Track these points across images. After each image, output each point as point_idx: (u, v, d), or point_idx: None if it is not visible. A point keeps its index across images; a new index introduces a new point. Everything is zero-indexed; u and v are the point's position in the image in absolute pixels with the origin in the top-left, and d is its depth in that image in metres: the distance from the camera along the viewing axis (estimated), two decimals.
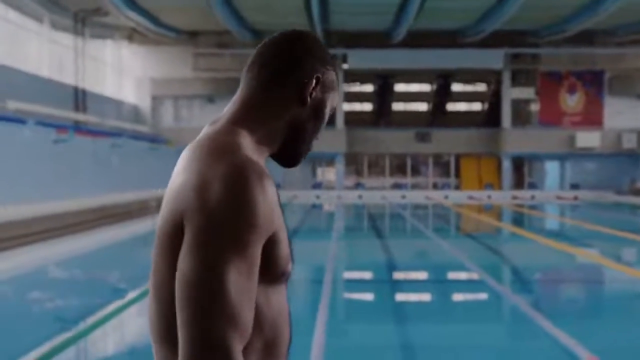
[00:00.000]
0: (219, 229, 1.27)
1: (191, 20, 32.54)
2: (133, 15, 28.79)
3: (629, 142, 36.77)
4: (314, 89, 1.53)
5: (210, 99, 37.23)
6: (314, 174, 38.89)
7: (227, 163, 1.33)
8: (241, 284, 1.28)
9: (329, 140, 36.09)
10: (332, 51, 26.69)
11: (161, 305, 1.40)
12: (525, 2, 27.40)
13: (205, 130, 1.49)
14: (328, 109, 1.59)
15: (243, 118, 1.48)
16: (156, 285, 1.42)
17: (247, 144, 1.43)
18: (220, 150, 1.37)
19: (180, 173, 1.40)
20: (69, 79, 28.23)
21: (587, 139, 36.85)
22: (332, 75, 1.58)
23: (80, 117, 27.20)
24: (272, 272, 1.39)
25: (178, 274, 1.29)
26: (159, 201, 17.03)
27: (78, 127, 23.58)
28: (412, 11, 28.25)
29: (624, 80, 37.67)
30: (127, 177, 21.73)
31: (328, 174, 39.25)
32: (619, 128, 37.38)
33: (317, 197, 35.00)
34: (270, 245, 1.36)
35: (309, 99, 1.52)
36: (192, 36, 36.09)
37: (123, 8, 27.26)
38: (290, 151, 1.57)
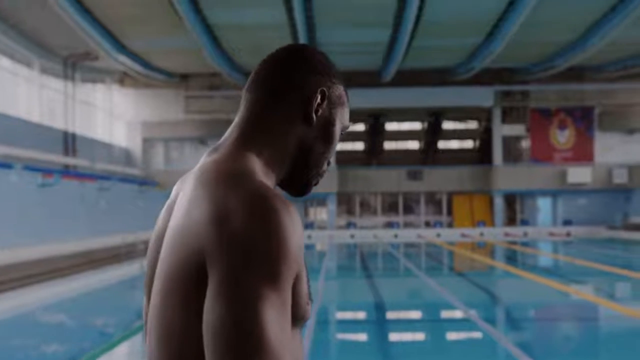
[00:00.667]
0: (251, 264, 1.11)
1: (182, 63, 32.74)
2: (123, 59, 28.96)
3: (619, 178, 36.82)
4: (319, 105, 1.39)
5: (202, 141, 37.29)
6: (305, 213, 38.80)
7: (245, 190, 1.18)
8: (280, 324, 1.12)
9: (320, 180, 35.96)
10: None
11: None
12: (513, 39, 27.63)
13: (206, 159, 1.34)
14: (337, 127, 1.44)
15: (248, 141, 1.34)
16: (163, 339, 1.23)
17: (259, 169, 1.30)
18: (233, 177, 1.22)
19: (187, 207, 1.23)
20: (59, 123, 28.27)
21: (579, 174, 36.89)
22: (340, 89, 1.45)
23: (69, 160, 27.17)
24: (292, 313, 1.22)
25: (208, 322, 1.11)
26: (146, 244, 16.93)
27: (65, 171, 23.55)
28: (401, 50, 28.47)
29: (613, 116, 37.89)
30: (115, 220, 21.61)
31: (320, 214, 39.15)
32: (609, 163, 37.48)
33: (309, 237, 34.86)
34: (295, 283, 1.21)
35: (314, 116, 1.38)
36: (183, 79, 36.29)
37: (113, 52, 27.43)
38: (299, 177, 1.43)
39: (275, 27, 26.02)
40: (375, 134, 42.85)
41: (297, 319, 1.26)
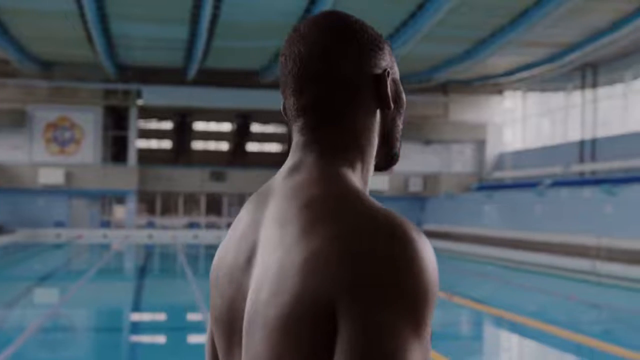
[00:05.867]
0: (395, 308, 0.93)
1: None
2: None
3: (415, 186, 38.49)
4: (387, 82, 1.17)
5: None
6: (103, 211, 37.47)
7: (370, 218, 0.98)
8: None
9: (119, 177, 35.14)
10: (126, 86, 25.71)
11: None
12: None
13: (288, 182, 1.11)
14: (402, 88, 1.24)
15: (334, 152, 1.12)
16: None
17: (359, 183, 1.12)
18: (345, 203, 1.02)
19: (291, 242, 1.01)
20: None
21: (377, 182, 38.12)
22: (388, 48, 1.20)
23: None
24: None
25: None
26: None
27: None
28: (200, 49, 28.13)
29: (411, 127, 39.43)
30: None
31: (118, 212, 37.93)
32: (406, 172, 39.00)
33: (105, 236, 33.74)
34: None
35: (390, 98, 1.16)
36: None
37: None
38: (387, 158, 1.23)
39: (65, 16, 24.82)
40: (182, 133, 42.25)
41: None
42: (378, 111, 1.18)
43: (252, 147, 44.71)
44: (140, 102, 36.24)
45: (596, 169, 30.94)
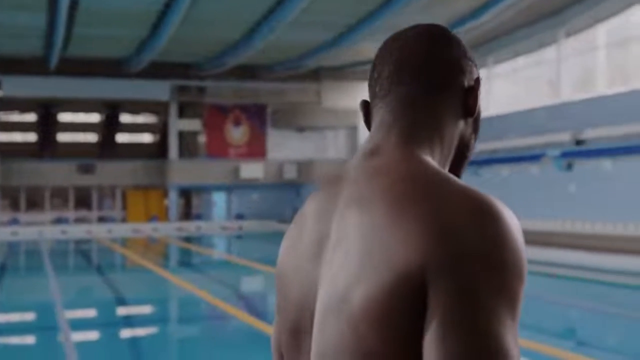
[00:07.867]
0: (491, 284, 0.91)
1: None
2: None
3: (289, 173, 38.51)
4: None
5: None
6: None
7: (460, 197, 0.97)
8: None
9: None
10: None
11: None
12: (180, 34, 27.46)
13: (366, 164, 1.09)
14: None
15: (417, 140, 1.11)
16: None
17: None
18: (433, 183, 1.01)
19: (378, 224, 0.98)
20: None
21: (251, 170, 37.95)
22: (477, 68, 1.23)
23: None
24: None
25: (439, 356, 0.89)
26: None
27: None
28: (60, 37, 26.98)
29: (284, 114, 39.50)
30: None
31: None
32: (280, 159, 39.01)
33: None
34: None
35: (476, 108, 1.17)
36: None
37: None
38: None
39: None
40: (47, 125, 40.59)
41: None
42: (462, 121, 1.18)
43: (122, 138, 43.52)
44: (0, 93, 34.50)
45: None
